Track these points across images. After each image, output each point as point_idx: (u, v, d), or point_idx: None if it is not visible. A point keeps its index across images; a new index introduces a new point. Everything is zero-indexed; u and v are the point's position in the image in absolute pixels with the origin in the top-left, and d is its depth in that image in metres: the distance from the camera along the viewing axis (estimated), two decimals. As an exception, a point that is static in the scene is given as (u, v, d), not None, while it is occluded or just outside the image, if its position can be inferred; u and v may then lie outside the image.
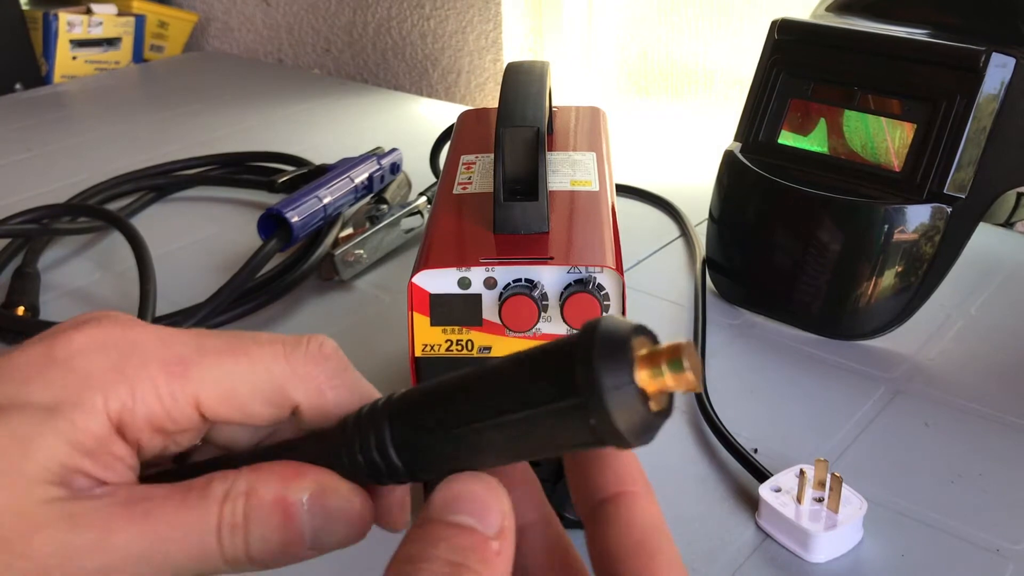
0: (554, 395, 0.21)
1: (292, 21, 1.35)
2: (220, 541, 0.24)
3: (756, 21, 0.97)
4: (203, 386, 0.26)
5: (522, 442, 0.22)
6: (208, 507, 0.24)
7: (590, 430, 0.20)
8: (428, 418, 0.23)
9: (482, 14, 1.13)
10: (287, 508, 0.24)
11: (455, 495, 0.22)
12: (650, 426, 0.21)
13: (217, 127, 1.05)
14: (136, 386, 0.25)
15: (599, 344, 0.20)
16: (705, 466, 0.51)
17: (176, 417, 0.26)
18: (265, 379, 0.26)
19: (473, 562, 0.22)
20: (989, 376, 0.58)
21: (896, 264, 0.58)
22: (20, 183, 0.91)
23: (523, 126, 0.44)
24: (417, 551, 0.22)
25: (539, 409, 0.21)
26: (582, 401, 0.20)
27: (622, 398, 0.20)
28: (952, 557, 0.45)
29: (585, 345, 0.20)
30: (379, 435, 0.24)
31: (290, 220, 0.69)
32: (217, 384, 0.26)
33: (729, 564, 0.45)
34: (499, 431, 0.22)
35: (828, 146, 0.61)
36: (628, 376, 0.20)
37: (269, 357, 0.26)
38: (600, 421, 0.20)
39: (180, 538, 0.24)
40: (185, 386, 0.26)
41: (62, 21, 1.26)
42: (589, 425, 0.20)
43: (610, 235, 0.44)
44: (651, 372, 0.20)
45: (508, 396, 0.22)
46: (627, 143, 0.94)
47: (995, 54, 0.55)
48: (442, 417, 0.23)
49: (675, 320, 0.64)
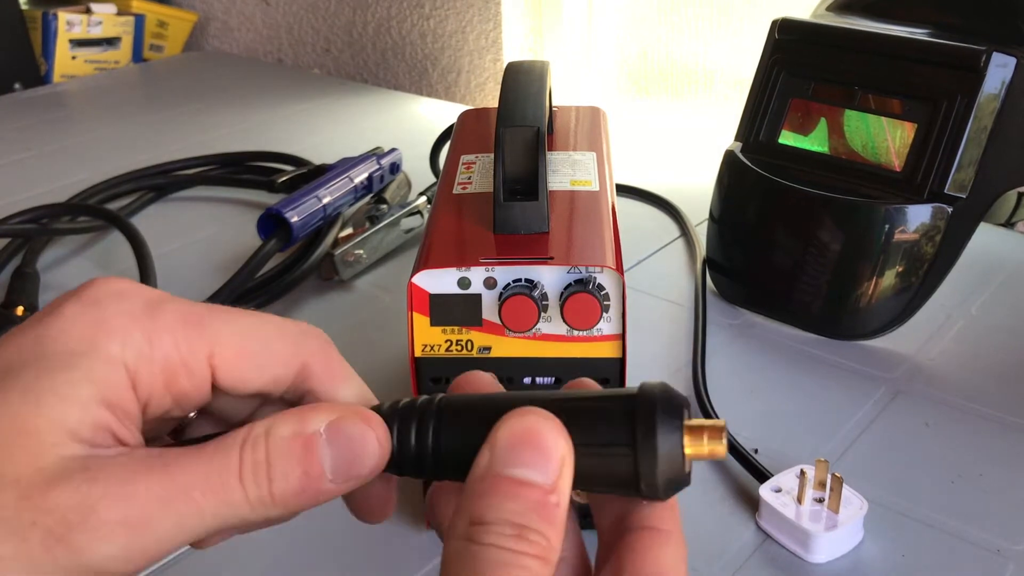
0: (614, 436, 0.24)
1: (292, 21, 1.35)
2: (243, 483, 0.24)
3: (756, 21, 0.97)
4: (219, 338, 0.26)
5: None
6: (228, 454, 0.24)
7: (635, 475, 0.24)
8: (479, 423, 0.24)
9: (482, 14, 1.13)
10: (306, 440, 0.25)
11: (520, 438, 0.23)
12: (679, 484, 0.24)
13: (217, 127, 1.04)
14: (153, 333, 0.25)
15: (661, 406, 0.24)
16: (705, 466, 0.51)
17: (192, 368, 0.26)
18: (277, 335, 0.27)
19: (536, 523, 0.22)
20: (990, 376, 0.58)
21: (897, 264, 0.57)
22: (20, 183, 0.91)
23: (523, 126, 0.44)
24: (482, 511, 0.23)
25: (595, 447, 0.24)
26: (638, 447, 0.23)
27: (670, 455, 0.24)
28: (952, 557, 0.45)
29: (648, 402, 0.24)
30: (424, 425, 0.25)
31: (290, 220, 0.69)
32: (234, 335, 0.27)
33: (729, 564, 0.44)
34: None
35: (829, 146, 0.61)
36: (679, 439, 0.24)
37: (278, 320, 0.28)
38: (646, 469, 0.24)
39: (202, 484, 0.24)
40: (202, 335, 0.26)
41: (61, 21, 1.26)
42: (635, 470, 0.24)
43: (610, 235, 0.44)
44: (692, 440, 0.24)
45: (569, 423, 0.24)
46: (627, 143, 0.94)
47: (996, 54, 0.55)
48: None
49: (675, 320, 0.64)
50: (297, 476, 0.25)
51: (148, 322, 0.25)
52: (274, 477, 0.24)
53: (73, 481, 0.23)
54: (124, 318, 0.25)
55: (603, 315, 0.41)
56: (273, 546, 0.47)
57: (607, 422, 0.24)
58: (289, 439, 0.25)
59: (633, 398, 0.24)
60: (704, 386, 0.56)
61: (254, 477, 0.24)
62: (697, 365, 0.58)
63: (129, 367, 0.25)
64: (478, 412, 0.25)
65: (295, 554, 0.46)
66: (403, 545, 0.46)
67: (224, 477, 0.24)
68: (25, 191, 0.88)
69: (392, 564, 0.45)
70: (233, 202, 0.86)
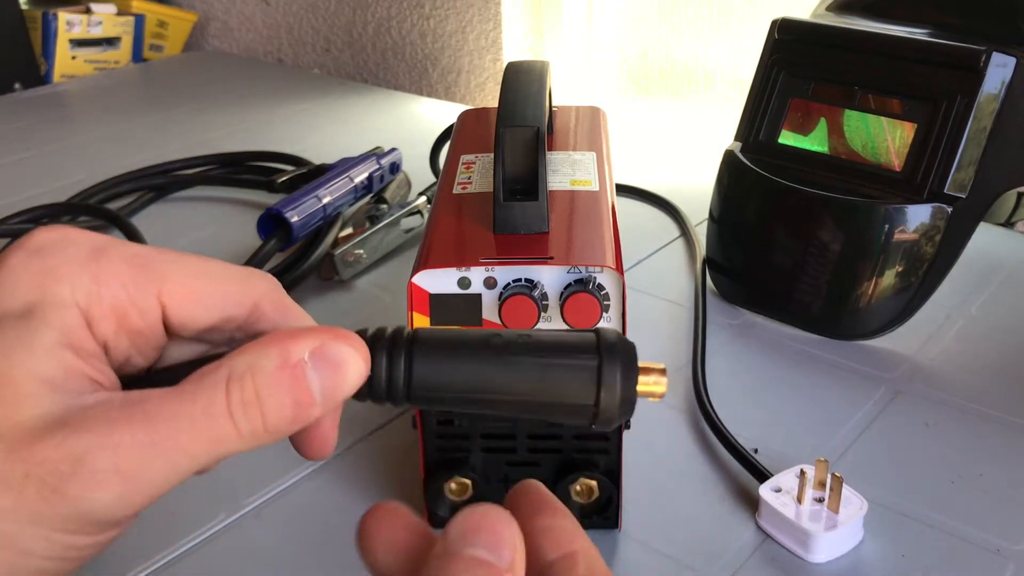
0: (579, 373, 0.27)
1: (292, 21, 1.35)
2: (235, 422, 0.24)
3: (756, 21, 0.97)
4: (167, 277, 0.26)
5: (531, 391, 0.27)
6: (213, 395, 0.24)
7: (594, 406, 0.27)
8: (453, 354, 0.27)
9: (482, 14, 1.13)
10: (294, 370, 0.25)
11: (473, 526, 0.23)
12: (628, 415, 0.28)
13: (217, 127, 1.04)
14: (100, 274, 0.25)
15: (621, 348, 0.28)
16: (705, 466, 0.51)
17: (142, 307, 0.26)
18: (226, 275, 0.27)
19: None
20: (990, 376, 0.58)
21: (896, 264, 0.57)
22: (20, 183, 0.91)
23: (523, 126, 0.44)
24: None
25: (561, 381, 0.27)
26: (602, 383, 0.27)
27: (625, 391, 0.27)
28: (952, 557, 0.45)
29: (610, 344, 0.28)
30: (395, 359, 0.27)
31: (290, 220, 0.69)
32: (182, 274, 0.27)
33: (729, 564, 0.44)
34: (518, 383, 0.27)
35: (828, 146, 0.61)
36: (634, 378, 0.28)
37: (226, 263, 0.28)
38: (606, 403, 0.27)
39: (188, 428, 0.24)
40: (150, 274, 0.26)
41: (61, 21, 1.26)
42: (596, 402, 0.27)
43: (610, 235, 0.44)
44: (643, 379, 0.28)
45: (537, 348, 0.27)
46: (627, 143, 0.94)
47: (996, 54, 0.55)
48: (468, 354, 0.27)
49: (675, 320, 0.64)
50: (289, 406, 0.25)
51: (94, 265, 0.25)
52: (267, 411, 0.25)
53: (56, 436, 0.23)
54: (71, 263, 0.25)
55: (603, 315, 0.41)
56: (272, 546, 0.47)
57: (574, 360, 0.27)
58: (276, 371, 0.25)
59: (596, 340, 0.28)
60: (704, 386, 0.56)
61: (245, 414, 0.24)
62: (697, 365, 0.58)
63: (81, 308, 0.25)
64: (450, 341, 0.27)
65: (295, 554, 0.46)
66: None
67: (212, 418, 0.24)
68: (25, 191, 0.88)
69: (392, 564, 0.45)
70: (233, 202, 0.86)
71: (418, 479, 0.45)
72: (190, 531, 0.47)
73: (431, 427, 0.44)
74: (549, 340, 0.28)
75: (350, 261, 0.70)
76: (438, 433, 0.44)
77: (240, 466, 0.52)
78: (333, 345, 0.25)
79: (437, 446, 0.44)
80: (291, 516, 0.48)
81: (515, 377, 0.27)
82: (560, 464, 0.44)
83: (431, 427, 0.44)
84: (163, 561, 0.46)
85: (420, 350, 0.27)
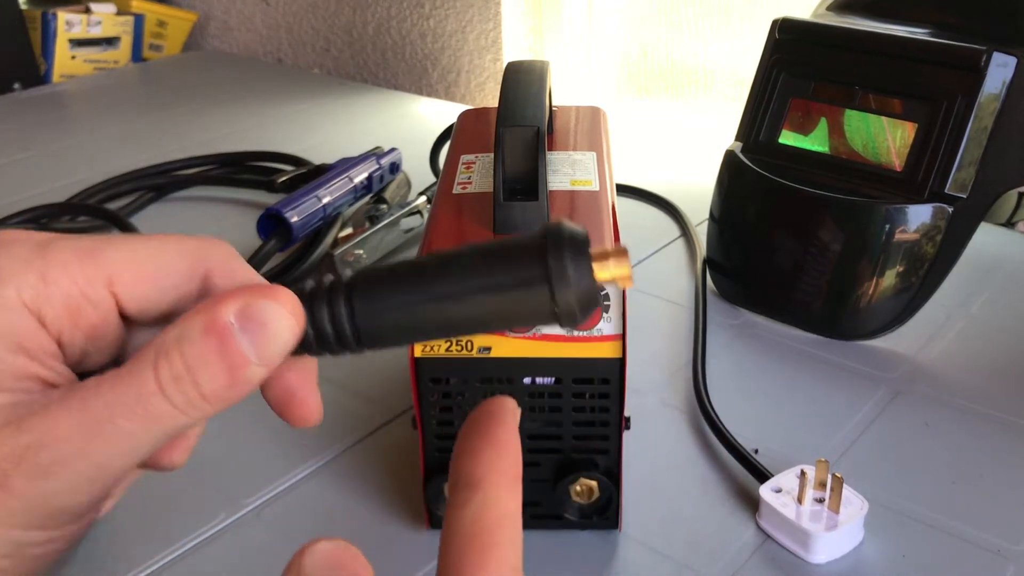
0: (530, 273, 0.25)
1: (292, 21, 1.35)
2: (168, 398, 0.24)
3: (756, 21, 0.97)
4: (114, 265, 0.26)
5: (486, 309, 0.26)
6: (142, 372, 0.24)
7: (552, 304, 0.25)
8: (393, 292, 0.26)
9: (482, 14, 1.13)
10: (219, 332, 0.24)
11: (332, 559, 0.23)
12: (592, 306, 0.26)
13: (217, 127, 1.04)
14: (47, 272, 0.25)
15: (567, 239, 0.26)
16: (705, 466, 0.51)
17: (94, 299, 0.26)
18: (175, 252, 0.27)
19: None
20: (990, 376, 0.58)
21: (897, 264, 0.57)
22: (20, 183, 0.91)
23: (523, 126, 0.44)
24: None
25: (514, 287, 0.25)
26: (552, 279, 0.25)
27: (580, 281, 0.25)
28: (953, 557, 0.45)
29: (555, 237, 0.26)
30: (336, 308, 0.26)
31: (289, 220, 0.69)
32: (129, 260, 0.26)
33: (729, 564, 0.44)
34: (466, 301, 0.26)
35: (829, 146, 0.61)
36: (587, 266, 0.26)
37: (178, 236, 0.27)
38: (562, 298, 0.25)
39: (122, 409, 0.24)
40: (97, 264, 0.26)
41: (61, 20, 1.26)
42: (552, 299, 0.25)
43: (610, 235, 0.44)
44: (600, 265, 0.26)
45: (483, 267, 0.26)
46: (627, 143, 0.94)
47: (996, 53, 0.55)
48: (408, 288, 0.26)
49: (675, 320, 0.64)
50: (223, 372, 0.24)
51: (40, 262, 0.25)
52: (201, 381, 0.24)
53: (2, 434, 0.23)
54: (15, 262, 0.25)
55: (603, 315, 0.41)
56: (272, 546, 0.47)
57: (522, 261, 0.26)
58: (202, 339, 0.24)
59: (541, 236, 0.26)
60: (704, 386, 0.56)
61: (178, 388, 0.24)
62: (697, 365, 0.58)
63: (30, 307, 0.25)
64: (388, 278, 0.26)
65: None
66: (403, 545, 0.46)
67: (143, 396, 0.24)
68: (25, 191, 0.88)
69: (392, 564, 0.45)
70: (233, 202, 0.86)
71: (418, 479, 0.45)
72: (190, 531, 0.47)
73: (431, 427, 0.44)
74: (490, 247, 0.26)
75: (350, 261, 0.70)
76: (438, 433, 0.44)
77: (240, 466, 0.52)
78: (258, 303, 0.25)
79: (437, 446, 0.44)
80: (291, 516, 0.48)
81: (464, 300, 0.26)
82: (560, 464, 0.44)
83: (431, 427, 0.44)
84: (163, 561, 0.46)
85: (359, 294, 0.26)
